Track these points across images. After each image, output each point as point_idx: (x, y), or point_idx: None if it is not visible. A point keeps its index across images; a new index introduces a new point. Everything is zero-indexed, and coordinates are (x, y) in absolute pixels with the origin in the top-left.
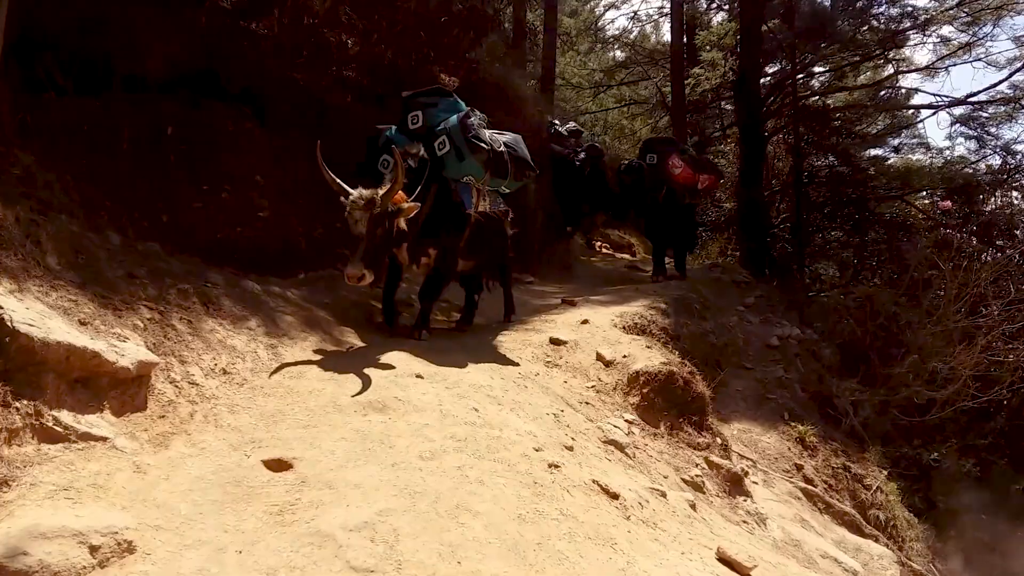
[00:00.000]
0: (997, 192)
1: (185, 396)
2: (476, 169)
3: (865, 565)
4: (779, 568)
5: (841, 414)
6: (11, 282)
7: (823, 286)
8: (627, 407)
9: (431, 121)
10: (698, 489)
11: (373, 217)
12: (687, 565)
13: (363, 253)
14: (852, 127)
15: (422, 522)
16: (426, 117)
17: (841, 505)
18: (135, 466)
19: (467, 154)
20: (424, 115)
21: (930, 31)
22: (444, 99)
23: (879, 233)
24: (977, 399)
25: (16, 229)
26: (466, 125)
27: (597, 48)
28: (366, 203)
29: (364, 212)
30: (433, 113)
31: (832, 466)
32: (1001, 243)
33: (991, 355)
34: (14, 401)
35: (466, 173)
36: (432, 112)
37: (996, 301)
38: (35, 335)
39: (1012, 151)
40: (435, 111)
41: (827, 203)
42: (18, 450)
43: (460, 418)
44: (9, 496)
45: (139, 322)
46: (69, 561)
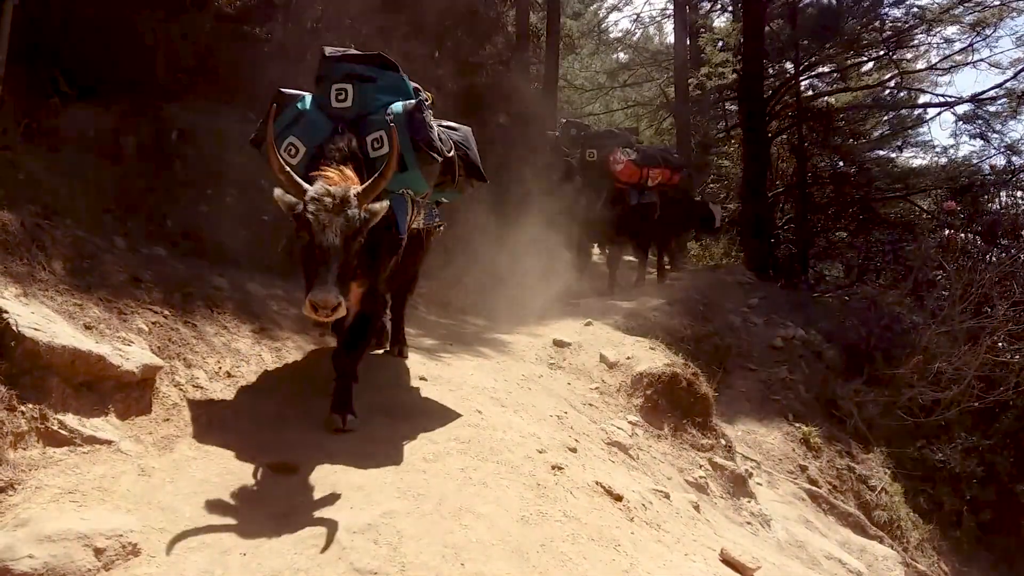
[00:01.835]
0: (1002, 192)
1: (190, 399)
2: (420, 183)
3: (869, 566)
4: (783, 569)
5: (845, 415)
6: (17, 287)
7: (827, 287)
8: (631, 409)
9: (365, 103)
10: (702, 490)
11: (348, 222)
12: (690, 566)
13: (336, 273)
14: (856, 128)
15: (425, 524)
16: (358, 96)
17: (845, 506)
18: (140, 469)
19: (412, 163)
20: (355, 92)
21: (934, 32)
22: (385, 74)
23: (883, 234)
24: (982, 400)
25: (22, 234)
26: (417, 122)
27: (600, 50)
28: (337, 202)
29: (334, 215)
30: (369, 93)
31: (836, 467)
32: (1006, 243)
33: (996, 355)
34: (20, 405)
35: (406, 187)
36: (368, 91)
37: (1001, 301)
38: (40, 339)
39: (1017, 150)
40: (371, 90)
41: (831, 204)
42: (24, 453)
43: (463, 420)
44: (15, 499)
45: (144, 326)
46: (74, 563)
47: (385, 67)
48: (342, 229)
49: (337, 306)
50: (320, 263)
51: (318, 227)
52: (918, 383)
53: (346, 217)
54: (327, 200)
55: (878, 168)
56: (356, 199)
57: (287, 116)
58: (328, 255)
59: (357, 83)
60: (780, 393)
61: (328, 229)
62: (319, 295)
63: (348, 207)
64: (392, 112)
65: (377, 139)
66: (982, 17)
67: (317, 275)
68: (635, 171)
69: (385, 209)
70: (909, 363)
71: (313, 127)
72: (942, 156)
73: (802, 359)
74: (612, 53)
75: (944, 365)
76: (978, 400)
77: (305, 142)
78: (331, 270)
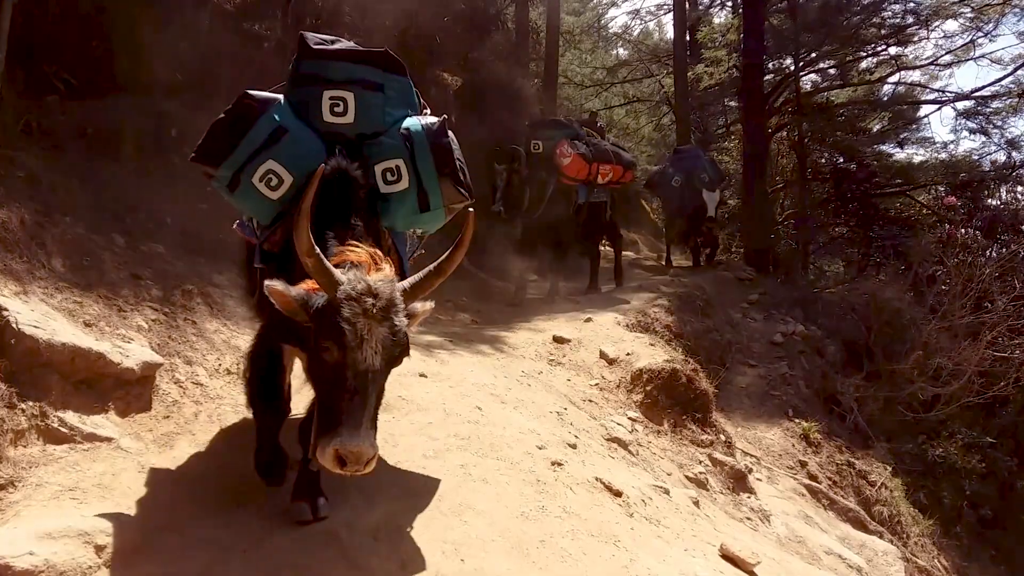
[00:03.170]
0: (1002, 188)
1: (190, 396)
2: (436, 222)
3: (869, 561)
4: (783, 564)
5: (846, 410)
6: (16, 284)
7: (827, 282)
8: (630, 405)
9: (371, 119)
10: (701, 486)
11: (394, 336)
12: (690, 562)
13: (372, 408)
14: (856, 123)
15: (425, 520)
16: (362, 108)
17: (845, 501)
18: (140, 466)
19: (437, 203)
20: (358, 104)
21: (934, 26)
22: (393, 79)
23: (884, 229)
24: (982, 395)
25: (21, 232)
26: (444, 150)
27: (600, 46)
28: (382, 305)
29: (376, 324)
30: (375, 105)
31: (836, 462)
32: (1006, 238)
33: (996, 351)
34: (20, 402)
35: (421, 227)
36: (374, 102)
37: (1001, 297)
38: (40, 337)
39: (1018, 146)
40: (378, 101)
41: (831, 199)
42: (24, 451)
43: (463, 417)
44: (15, 496)
45: (144, 323)
46: (75, 560)
47: (391, 70)
48: (384, 345)
49: (373, 456)
50: (351, 393)
51: (354, 341)
52: (918, 379)
53: (391, 328)
54: (368, 302)
55: (878, 163)
56: (402, 299)
57: (260, 131)
58: (365, 382)
59: (359, 91)
60: (780, 389)
61: (367, 344)
62: (352, 444)
63: (394, 313)
64: (412, 134)
65: (391, 170)
66: (982, 12)
67: (344, 410)
68: (584, 166)
69: (427, 313)
70: (909, 359)
71: (300, 149)
72: (942, 152)
73: (802, 355)
74: (611, 49)
75: (944, 361)
76: (978, 395)
77: (292, 169)
78: (368, 405)
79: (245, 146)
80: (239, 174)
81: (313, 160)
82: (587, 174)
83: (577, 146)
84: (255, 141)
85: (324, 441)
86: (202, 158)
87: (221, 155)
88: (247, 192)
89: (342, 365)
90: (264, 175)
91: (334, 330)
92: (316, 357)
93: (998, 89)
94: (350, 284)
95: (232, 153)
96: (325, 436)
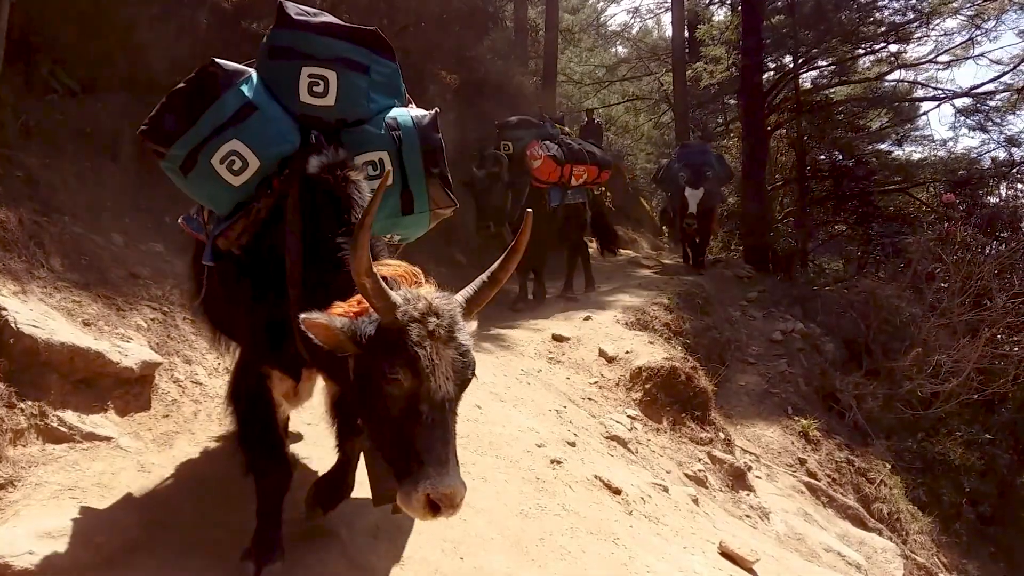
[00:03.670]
0: (1002, 185)
1: (189, 395)
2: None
3: (868, 558)
4: (781, 562)
5: (845, 408)
6: (15, 284)
7: (827, 280)
8: (629, 403)
9: (353, 104)
10: (701, 484)
11: (464, 359)
12: (689, 559)
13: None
14: (855, 120)
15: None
16: (344, 90)
17: (844, 499)
18: (139, 465)
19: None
20: (341, 84)
21: (933, 24)
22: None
23: (883, 227)
24: (981, 392)
25: (20, 231)
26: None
27: (599, 44)
28: (447, 325)
29: (444, 347)
30: (359, 88)
31: (835, 460)
32: (1005, 235)
33: (995, 348)
34: (19, 402)
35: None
36: (357, 85)
37: (1000, 294)
38: (39, 336)
39: (1017, 143)
40: (363, 84)
41: (830, 197)
42: (23, 450)
43: (462, 415)
44: (15, 496)
45: (143, 322)
46: (74, 560)
47: (380, 51)
48: (456, 369)
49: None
50: (429, 427)
51: (427, 368)
52: (917, 376)
53: (459, 349)
54: (432, 322)
55: (877, 161)
56: (465, 307)
57: (226, 106)
58: (444, 413)
59: (343, 70)
60: (779, 386)
61: (439, 370)
62: (444, 485)
63: (459, 332)
64: (399, 125)
65: (373, 163)
66: (982, 10)
67: (424, 447)
68: (555, 168)
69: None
70: (908, 356)
71: (271, 130)
72: (941, 149)
73: (801, 352)
74: (610, 47)
75: (943, 358)
76: (977, 393)
77: (259, 152)
78: (450, 438)
79: (207, 121)
80: (196, 153)
81: (284, 144)
82: (559, 176)
83: (548, 147)
84: (219, 117)
85: (408, 486)
86: (153, 133)
87: (177, 131)
88: (204, 175)
89: (415, 396)
90: (227, 156)
91: (402, 357)
92: (374, 391)
93: (997, 86)
94: (410, 304)
95: (190, 129)
96: (407, 480)
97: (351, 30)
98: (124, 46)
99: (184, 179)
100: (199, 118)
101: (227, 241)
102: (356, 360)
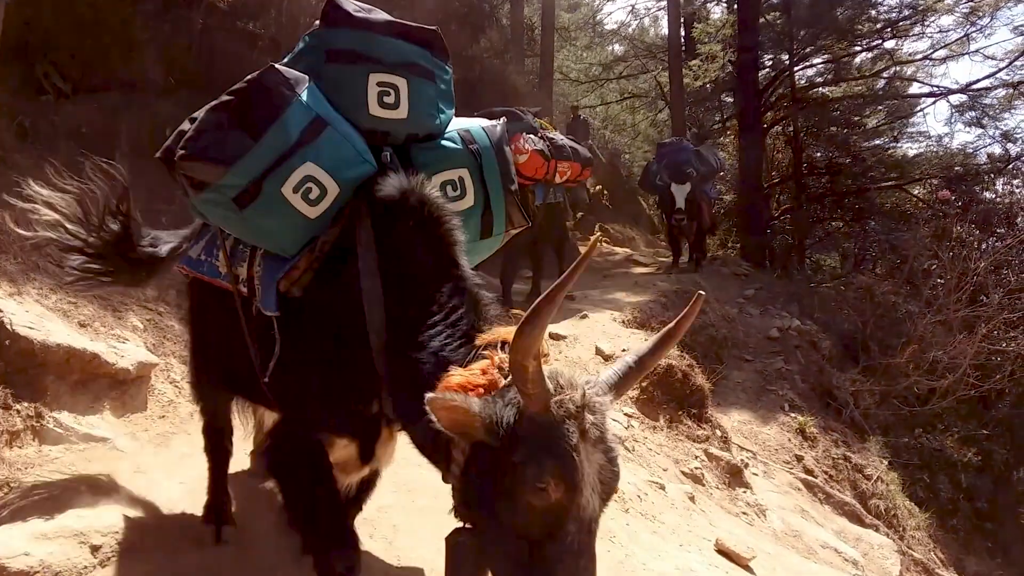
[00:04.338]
0: (998, 180)
1: (185, 396)
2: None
3: (865, 555)
4: (778, 559)
5: (841, 405)
6: (11, 286)
7: (823, 277)
8: (626, 400)
9: (425, 115)
10: (697, 481)
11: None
12: (686, 557)
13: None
14: (851, 117)
15: (420, 518)
16: (415, 101)
17: (841, 495)
18: (136, 466)
19: (502, 226)
20: (412, 94)
21: (929, 21)
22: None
23: (879, 223)
24: (978, 388)
25: (15, 232)
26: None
27: (596, 42)
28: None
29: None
30: (428, 99)
31: (832, 456)
32: (1001, 231)
33: (991, 344)
34: (15, 403)
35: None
36: (427, 95)
37: (996, 290)
38: (35, 338)
39: (1013, 138)
40: (432, 94)
41: (827, 194)
42: (19, 452)
43: None
44: (11, 497)
45: (139, 323)
46: (70, 561)
47: (441, 56)
48: (605, 479)
49: None
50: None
51: (582, 478)
52: (914, 372)
53: (608, 454)
54: (588, 420)
55: (873, 158)
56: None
57: (294, 121)
58: (591, 538)
59: (412, 78)
60: (776, 383)
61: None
62: None
63: (608, 431)
64: (475, 139)
65: (453, 183)
66: (977, 6)
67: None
68: (542, 164)
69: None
70: (905, 352)
71: (345, 152)
72: (937, 145)
73: (798, 349)
74: (607, 45)
75: (939, 354)
76: (974, 388)
77: (336, 177)
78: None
79: (272, 141)
80: (261, 180)
81: (363, 166)
82: (545, 172)
83: (534, 141)
84: (287, 135)
85: None
86: (202, 155)
87: (233, 154)
88: (271, 207)
89: (562, 512)
90: (301, 183)
91: (556, 462)
92: (507, 497)
93: (993, 82)
94: (565, 394)
95: (251, 150)
96: None
97: (414, 30)
98: (119, 46)
99: (238, 214)
100: (261, 137)
101: (287, 283)
102: (480, 452)
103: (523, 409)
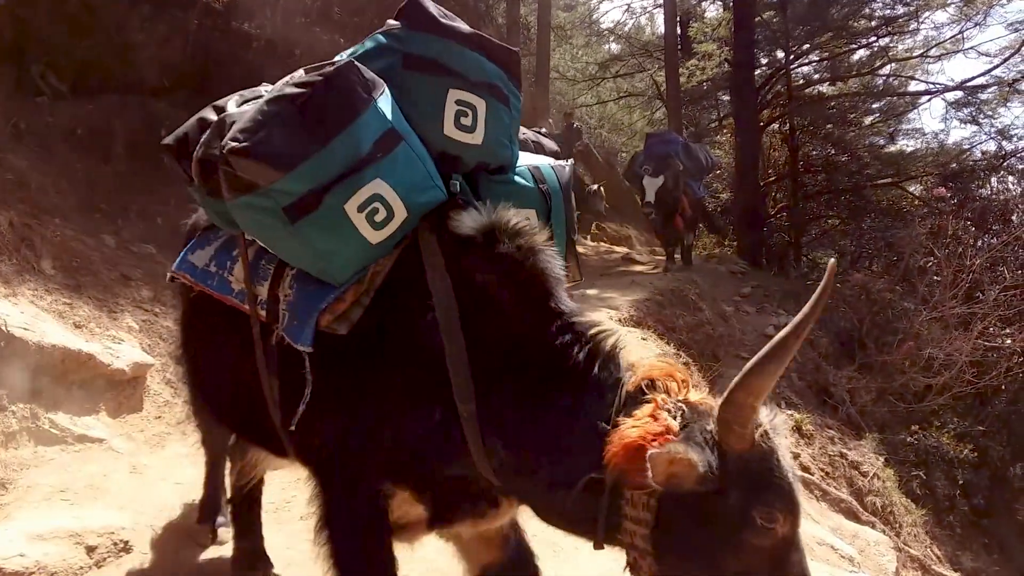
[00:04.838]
0: (993, 177)
1: (181, 396)
2: None
3: (862, 551)
4: None
5: (838, 402)
6: (5, 286)
7: (820, 275)
8: None
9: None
10: None
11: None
12: None
13: None
14: (847, 115)
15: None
16: (492, 126)
17: (838, 492)
18: (132, 467)
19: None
20: (489, 117)
21: (923, 18)
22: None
23: (875, 221)
24: (974, 385)
25: (10, 233)
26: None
27: (592, 41)
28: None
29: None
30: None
31: (829, 454)
32: (997, 228)
33: (987, 341)
34: (10, 404)
35: None
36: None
37: (992, 287)
38: (30, 339)
39: (1008, 135)
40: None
41: (823, 191)
42: (15, 453)
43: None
44: (6, 498)
45: (134, 324)
46: (66, 561)
47: (515, 80)
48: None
49: None
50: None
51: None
52: (910, 369)
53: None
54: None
55: (869, 155)
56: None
57: (368, 129)
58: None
59: (491, 100)
60: None
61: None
62: None
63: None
64: (547, 183)
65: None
66: (970, 2)
67: None
68: None
69: None
70: (901, 350)
71: (417, 171)
72: (932, 142)
73: None
74: (603, 44)
75: (936, 351)
76: (970, 385)
77: (406, 200)
78: None
79: (341, 148)
80: (323, 192)
81: (433, 191)
82: None
83: None
84: (358, 144)
85: None
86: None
87: (297, 154)
88: (329, 224)
89: (787, 545)
90: (368, 202)
91: (777, 496)
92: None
93: (988, 79)
94: (764, 425)
95: (317, 153)
96: None
97: (496, 48)
98: (114, 47)
99: (286, 227)
100: (329, 142)
101: (331, 316)
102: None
103: (727, 449)
